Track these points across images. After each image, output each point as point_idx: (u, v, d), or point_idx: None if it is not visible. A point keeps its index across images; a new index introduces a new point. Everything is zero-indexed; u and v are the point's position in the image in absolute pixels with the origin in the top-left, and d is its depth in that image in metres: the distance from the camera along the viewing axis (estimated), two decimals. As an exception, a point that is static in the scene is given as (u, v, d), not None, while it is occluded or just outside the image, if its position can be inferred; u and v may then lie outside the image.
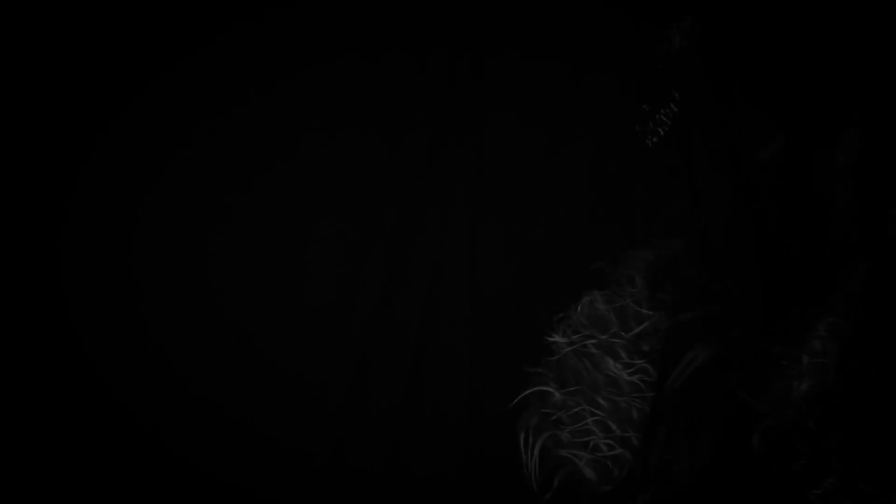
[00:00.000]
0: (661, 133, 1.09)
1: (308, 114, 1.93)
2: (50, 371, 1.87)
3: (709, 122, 1.04)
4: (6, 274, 1.88)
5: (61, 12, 1.86)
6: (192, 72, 1.90)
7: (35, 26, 1.87)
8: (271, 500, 1.93)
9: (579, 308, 1.02)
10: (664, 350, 0.94)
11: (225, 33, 1.90)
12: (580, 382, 0.97)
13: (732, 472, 0.88)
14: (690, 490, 0.88)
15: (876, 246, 0.95)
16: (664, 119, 1.08)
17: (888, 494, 0.84)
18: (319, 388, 1.94)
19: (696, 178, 1.04)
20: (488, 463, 1.86)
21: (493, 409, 1.12)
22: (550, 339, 1.02)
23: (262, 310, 1.93)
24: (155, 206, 1.92)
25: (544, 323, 1.07)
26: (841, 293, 0.94)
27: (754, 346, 0.90)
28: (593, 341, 0.98)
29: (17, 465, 1.86)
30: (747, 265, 0.94)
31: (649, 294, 0.99)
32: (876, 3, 0.97)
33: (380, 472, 1.94)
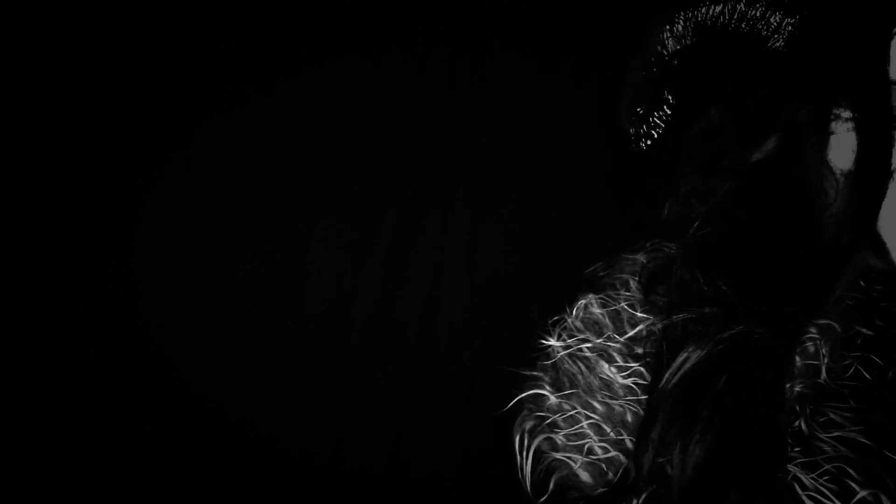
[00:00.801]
0: (656, 136, 1.09)
1: (308, 114, 1.93)
2: (50, 371, 1.88)
3: (703, 123, 1.04)
4: (6, 274, 1.88)
5: (61, 12, 1.86)
6: (192, 72, 1.90)
7: (35, 26, 1.87)
8: (271, 500, 1.93)
9: (574, 312, 1.03)
10: (657, 352, 0.94)
11: (225, 33, 1.90)
12: (575, 386, 0.97)
13: (726, 474, 0.88)
14: (685, 492, 0.88)
15: (870, 247, 0.95)
16: (658, 121, 1.08)
17: (881, 497, 0.84)
18: (319, 388, 1.94)
19: (689, 180, 1.04)
20: (488, 463, 1.86)
21: (492, 409, 1.13)
22: (545, 342, 1.02)
23: (262, 310, 1.93)
24: (155, 206, 1.92)
25: (543, 324, 1.07)
26: (835, 295, 0.94)
27: (748, 348, 0.90)
28: (588, 345, 0.98)
29: (18, 465, 1.86)
30: (741, 267, 0.94)
31: (643, 297, 0.99)
32: (871, 4, 0.96)
33: (380, 472, 1.95)
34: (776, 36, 1.00)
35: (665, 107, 1.05)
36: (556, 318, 1.05)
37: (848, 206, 0.95)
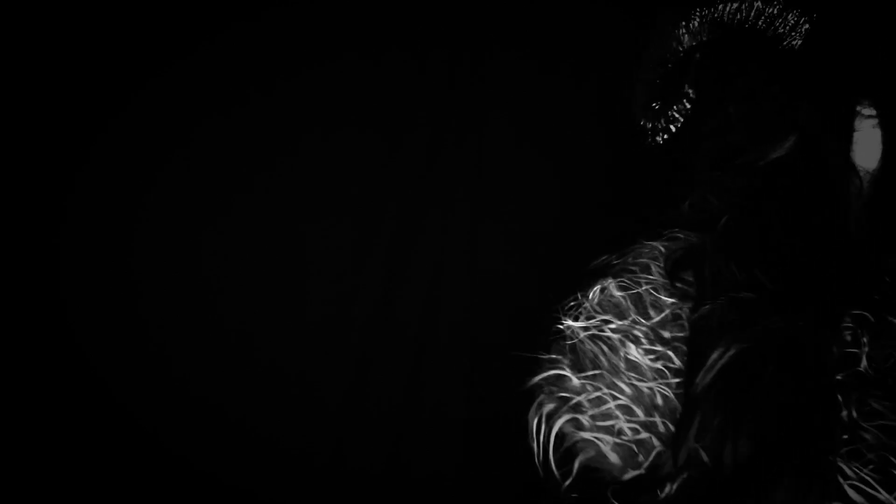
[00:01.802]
0: (672, 130, 1.09)
1: (308, 114, 1.93)
2: (50, 371, 1.87)
3: (718, 119, 1.05)
4: (6, 274, 1.87)
5: (61, 12, 1.86)
6: (192, 72, 1.90)
7: (35, 26, 1.86)
8: (271, 500, 1.93)
9: (591, 295, 1.02)
10: (691, 343, 0.93)
11: (225, 33, 1.90)
12: (598, 367, 0.96)
13: (777, 466, 0.86)
14: (736, 486, 0.86)
15: (890, 247, 0.96)
16: (677, 115, 1.08)
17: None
18: (319, 388, 1.94)
19: (704, 175, 1.05)
20: (488, 463, 1.86)
21: (493, 408, 1.13)
22: (563, 323, 1.01)
23: (262, 310, 1.93)
24: (155, 206, 1.91)
25: (544, 322, 1.07)
26: (866, 286, 0.94)
27: (789, 339, 0.90)
28: (612, 326, 0.97)
29: (18, 465, 1.85)
30: (775, 257, 0.94)
31: (668, 282, 0.99)
32: (890, 2, 0.97)
33: (380, 472, 1.94)
34: (793, 34, 1.01)
35: (685, 101, 1.05)
36: (571, 302, 1.05)
37: (871, 205, 0.95)
